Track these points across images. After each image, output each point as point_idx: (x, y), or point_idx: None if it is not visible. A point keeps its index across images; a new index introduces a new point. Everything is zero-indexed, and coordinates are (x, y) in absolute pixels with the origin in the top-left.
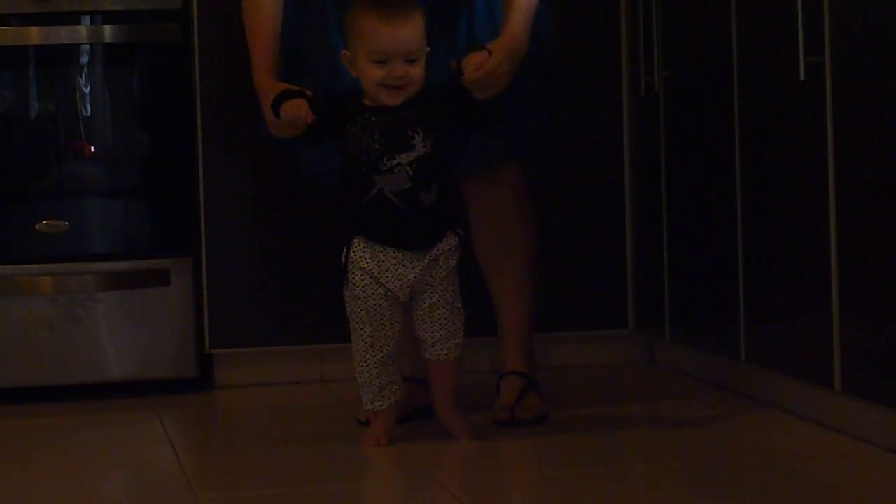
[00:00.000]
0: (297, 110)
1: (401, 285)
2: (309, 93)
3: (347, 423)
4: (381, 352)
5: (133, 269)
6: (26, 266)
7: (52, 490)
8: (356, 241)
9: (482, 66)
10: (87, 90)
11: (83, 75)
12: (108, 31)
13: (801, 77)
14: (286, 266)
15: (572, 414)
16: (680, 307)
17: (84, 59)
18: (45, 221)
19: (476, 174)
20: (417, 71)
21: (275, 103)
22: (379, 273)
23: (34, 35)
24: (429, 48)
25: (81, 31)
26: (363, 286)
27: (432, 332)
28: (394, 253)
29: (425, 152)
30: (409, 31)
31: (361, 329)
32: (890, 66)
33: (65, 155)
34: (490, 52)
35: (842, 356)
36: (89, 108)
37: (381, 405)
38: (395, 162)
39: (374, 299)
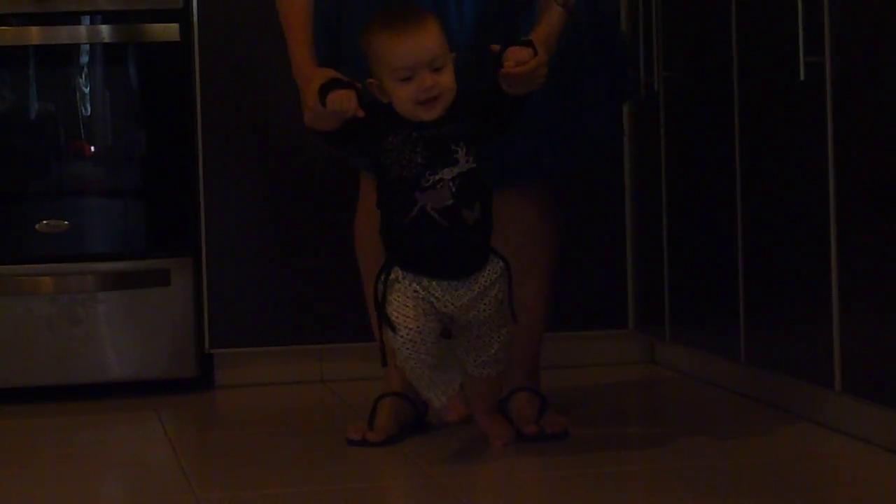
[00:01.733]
0: (347, 103)
1: (442, 313)
2: (359, 85)
3: (347, 422)
4: (426, 376)
5: (133, 269)
6: (26, 266)
7: (52, 490)
8: (396, 268)
9: (525, 62)
10: (87, 90)
11: (83, 75)
12: (107, 31)
13: (801, 77)
14: (286, 266)
15: (572, 414)
16: (680, 307)
17: (84, 59)
18: (45, 221)
19: (508, 188)
20: (446, 78)
21: (323, 90)
22: (426, 295)
23: (34, 35)
24: (454, 54)
25: (81, 31)
26: (404, 317)
27: (476, 356)
28: (438, 283)
29: (468, 167)
30: (426, 39)
31: (403, 354)
32: (890, 66)
33: (65, 155)
34: (535, 50)
35: (842, 356)
36: (89, 108)
37: (439, 401)
38: (437, 177)
39: (414, 329)
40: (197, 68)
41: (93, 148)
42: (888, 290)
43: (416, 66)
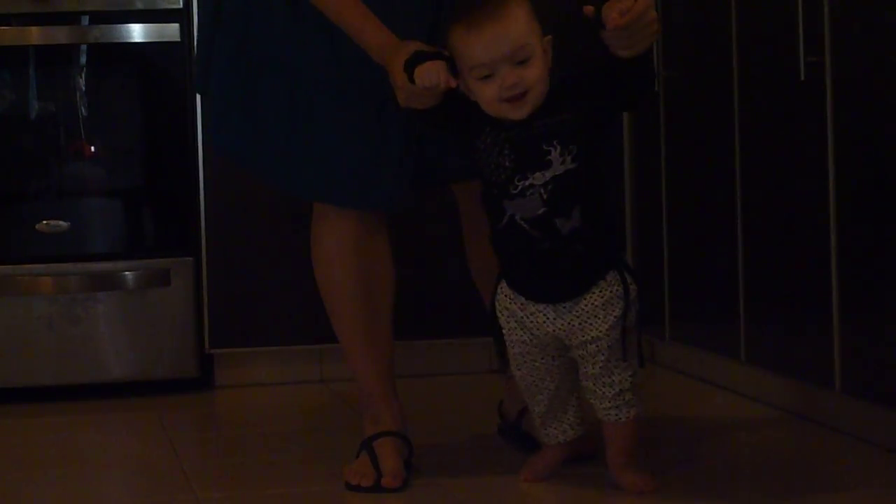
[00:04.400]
0: (437, 75)
1: (545, 334)
2: (447, 53)
3: (347, 422)
4: (541, 404)
5: (133, 269)
6: (26, 266)
7: (51, 490)
8: (503, 281)
9: (629, 10)
10: (87, 90)
11: (83, 75)
12: (107, 31)
13: (801, 77)
14: (286, 266)
15: None
16: (680, 307)
17: (84, 59)
18: (45, 221)
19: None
20: (533, 71)
21: (408, 65)
22: (523, 316)
23: (34, 35)
24: (549, 36)
25: (81, 32)
26: (509, 330)
27: (600, 394)
28: (535, 306)
29: (565, 170)
30: (504, 29)
31: (516, 374)
32: (890, 66)
33: (65, 155)
34: None
35: (842, 356)
36: (89, 108)
37: (548, 441)
38: (527, 183)
39: (520, 346)
40: None
41: (93, 148)
42: (888, 290)
43: (495, 63)
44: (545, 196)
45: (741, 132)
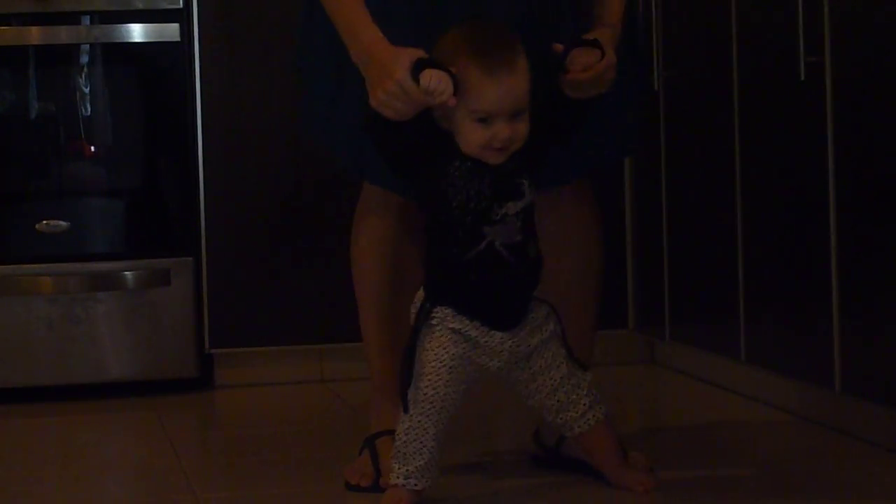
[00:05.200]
0: (444, 84)
1: (496, 362)
2: (454, 70)
3: (347, 422)
4: (442, 423)
5: (133, 269)
6: (26, 266)
7: (51, 490)
8: (445, 309)
9: (592, 66)
10: (87, 90)
11: (83, 75)
12: (108, 31)
13: (801, 77)
14: (286, 266)
15: None
16: (680, 307)
17: (84, 59)
18: (45, 221)
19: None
20: (523, 127)
21: (419, 64)
22: (478, 336)
23: (34, 35)
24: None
25: (81, 31)
26: (450, 343)
27: (574, 399)
28: (490, 333)
29: (530, 201)
30: (515, 84)
31: (427, 391)
32: (890, 66)
33: (65, 155)
34: (602, 50)
35: (842, 356)
36: (89, 108)
37: (418, 485)
38: (503, 211)
39: (458, 360)
40: (197, 68)
41: (93, 148)
42: (888, 289)
43: (497, 113)
44: (519, 223)
45: (741, 132)
